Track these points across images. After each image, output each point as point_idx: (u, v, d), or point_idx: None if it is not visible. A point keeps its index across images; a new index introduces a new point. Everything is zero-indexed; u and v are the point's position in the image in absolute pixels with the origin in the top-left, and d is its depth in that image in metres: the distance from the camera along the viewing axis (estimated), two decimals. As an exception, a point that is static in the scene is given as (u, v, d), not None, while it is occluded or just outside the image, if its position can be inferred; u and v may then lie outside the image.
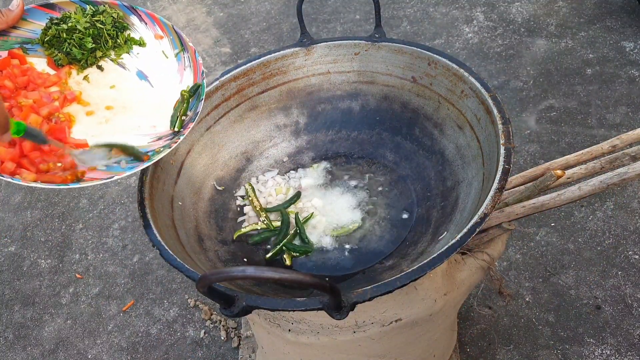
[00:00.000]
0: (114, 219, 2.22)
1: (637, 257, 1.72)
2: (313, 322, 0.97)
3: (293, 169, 1.25)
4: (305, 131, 1.29)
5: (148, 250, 2.06)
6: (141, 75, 0.99)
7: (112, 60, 0.99)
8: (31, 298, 2.00)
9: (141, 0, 3.56)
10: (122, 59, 0.99)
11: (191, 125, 0.90)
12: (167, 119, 0.94)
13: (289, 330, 1.02)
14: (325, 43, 1.21)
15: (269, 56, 1.21)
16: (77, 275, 2.04)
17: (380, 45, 1.17)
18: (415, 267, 0.73)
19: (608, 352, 1.52)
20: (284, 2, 3.29)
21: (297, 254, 1.06)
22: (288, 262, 1.05)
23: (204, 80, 0.95)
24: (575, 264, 1.73)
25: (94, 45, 0.96)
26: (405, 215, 1.10)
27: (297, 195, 1.16)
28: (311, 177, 1.22)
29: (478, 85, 1.00)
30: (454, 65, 1.06)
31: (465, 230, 0.77)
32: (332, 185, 1.20)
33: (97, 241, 2.15)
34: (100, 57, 0.98)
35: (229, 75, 1.17)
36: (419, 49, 1.12)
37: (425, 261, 0.74)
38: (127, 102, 0.95)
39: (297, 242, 1.10)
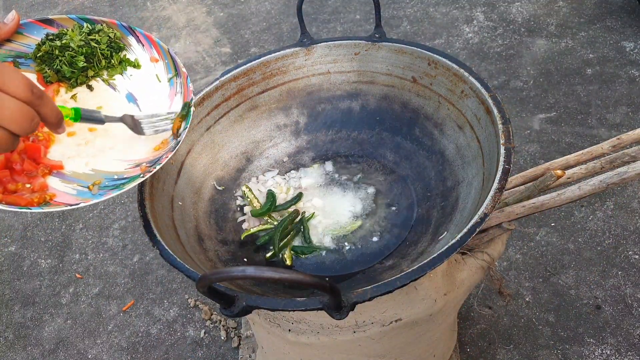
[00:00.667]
0: (114, 219, 2.22)
1: (637, 257, 1.72)
2: (313, 322, 0.98)
3: (293, 169, 1.25)
4: (305, 131, 1.29)
5: (148, 250, 2.06)
6: (130, 98, 0.97)
7: (103, 80, 0.97)
8: (31, 298, 2.00)
9: (141, 0, 3.56)
10: (114, 79, 0.97)
11: (170, 154, 0.87)
12: (149, 145, 0.92)
13: (289, 330, 1.02)
14: (325, 43, 1.21)
15: (269, 56, 1.21)
16: (77, 275, 2.04)
17: (380, 45, 1.17)
18: (415, 267, 0.73)
19: (608, 352, 1.52)
20: (284, 2, 3.29)
21: (305, 255, 1.07)
22: (288, 262, 1.05)
23: (193, 108, 0.93)
24: (575, 264, 1.73)
25: (85, 64, 0.95)
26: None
27: (298, 196, 1.16)
28: (311, 177, 1.22)
29: (478, 85, 1.00)
30: (454, 65, 1.06)
31: (465, 230, 0.77)
32: (332, 185, 1.20)
33: (97, 241, 2.15)
34: (91, 77, 0.96)
35: (229, 75, 1.17)
36: (419, 49, 1.12)
37: (425, 261, 0.74)
38: (111, 126, 0.93)
39: (297, 242, 1.10)
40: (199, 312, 1.83)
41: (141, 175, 0.84)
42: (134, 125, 0.87)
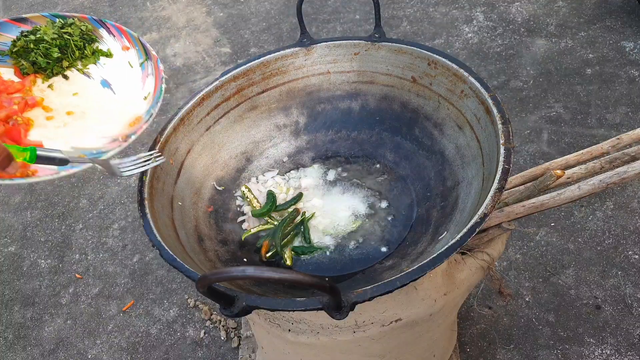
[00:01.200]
0: (114, 219, 2.22)
1: (637, 257, 1.72)
2: (313, 322, 0.97)
3: (293, 169, 1.25)
4: (305, 131, 1.29)
5: (148, 250, 2.06)
6: (105, 84, 1.04)
7: (78, 70, 1.04)
8: (31, 298, 2.00)
9: (141, 0, 3.56)
10: (88, 69, 1.05)
11: (144, 126, 0.92)
12: (125, 123, 0.98)
13: (289, 330, 1.02)
14: (325, 43, 1.21)
15: (269, 56, 1.21)
16: (77, 275, 2.04)
17: (380, 45, 1.17)
18: (415, 267, 0.73)
19: (608, 352, 1.52)
20: (284, 2, 3.29)
21: (305, 255, 1.07)
22: (289, 262, 1.05)
23: (163, 85, 0.99)
24: (575, 264, 1.73)
25: (60, 54, 1.02)
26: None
27: (298, 196, 1.16)
28: (311, 177, 1.22)
29: (478, 85, 1.00)
30: (454, 65, 1.06)
31: (465, 230, 0.77)
32: (332, 185, 1.20)
33: (97, 241, 2.15)
34: (67, 67, 1.03)
35: (228, 75, 1.17)
36: (418, 49, 1.12)
37: (425, 261, 0.74)
38: (87, 108, 0.99)
39: (297, 242, 1.10)
40: (198, 312, 1.83)
41: (119, 146, 0.90)
42: (109, 167, 0.90)
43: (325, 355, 1.05)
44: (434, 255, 0.74)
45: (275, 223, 1.12)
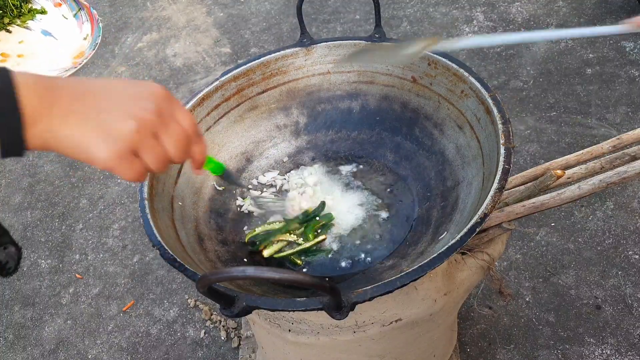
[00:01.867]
0: (114, 219, 2.22)
1: (637, 257, 1.72)
2: (313, 322, 0.98)
3: (293, 169, 1.25)
4: (305, 131, 1.29)
5: (148, 250, 2.06)
6: (45, 33, 1.28)
7: (18, 25, 1.22)
8: (31, 298, 2.00)
9: (141, 0, 3.56)
10: (27, 24, 1.22)
11: (91, 53, 1.03)
12: (70, 56, 1.16)
13: (289, 330, 1.02)
14: (325, 43, 1.21)
15: (269, 56, 1.21)
16: (77, 276, 2.04)
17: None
18: (415, 267, 0.73)
19: (608, 352, 1.52)
20: (284, 2, 3.29)
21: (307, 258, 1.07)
22: (299, 262, 1.05)
23: (100, 24, 1.17)
24: (575, 264, 1.73)
25: (1, 12, 1.14)
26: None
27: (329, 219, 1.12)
28: (311, 177, 1.22)
29: (478, 85, 1.00)
30: (454, 65, 1.06)
31: (465, 230, 0.77)
32: (332, 186, 1.20)
33: (97, 241, 2.15)
34: (7, 23, 1.20)
35: (229, 75, 1.17)
36: (419, 49, 1.12)
37: (425, 261, 0.74)
38: (35, 50, 1.22)
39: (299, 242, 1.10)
40: (199, 313, 1.83)
41: (74, 67, 0.99)
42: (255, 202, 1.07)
43: (325, 355, 1.06)
44: (434, 255, 0.74)
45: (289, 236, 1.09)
